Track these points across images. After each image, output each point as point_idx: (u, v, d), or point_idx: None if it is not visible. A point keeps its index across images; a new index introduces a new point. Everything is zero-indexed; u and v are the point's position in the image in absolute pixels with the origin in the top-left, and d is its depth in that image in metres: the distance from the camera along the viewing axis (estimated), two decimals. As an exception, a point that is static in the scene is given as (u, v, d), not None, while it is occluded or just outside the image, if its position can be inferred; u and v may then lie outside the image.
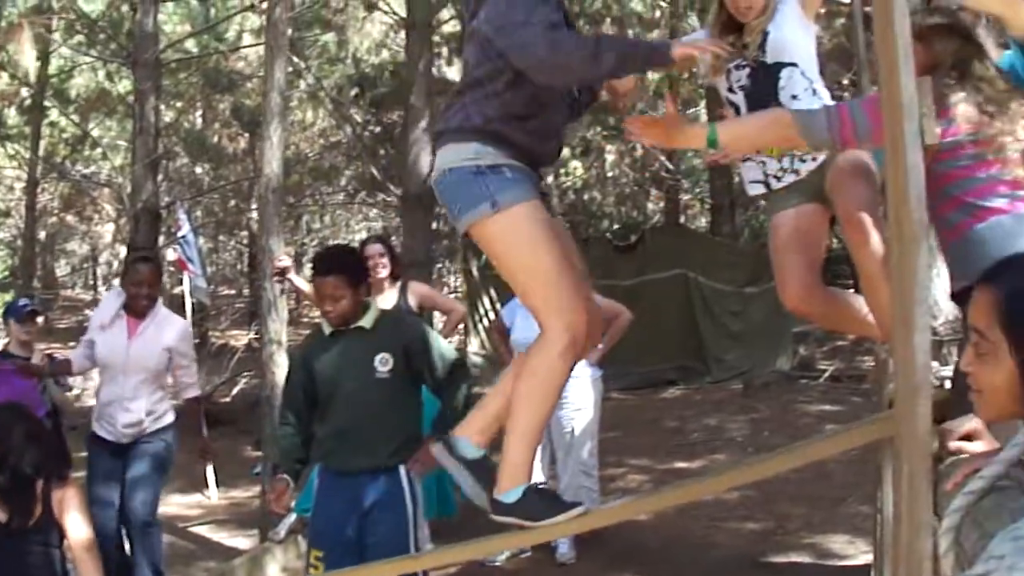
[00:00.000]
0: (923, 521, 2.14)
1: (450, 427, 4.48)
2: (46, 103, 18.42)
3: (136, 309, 6.06)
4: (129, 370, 5.99)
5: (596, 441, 7.08)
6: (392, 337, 4.66)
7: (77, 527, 4.57)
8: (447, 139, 3.18)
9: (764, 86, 3.71)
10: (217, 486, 9.99)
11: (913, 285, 2.19)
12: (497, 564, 6.95)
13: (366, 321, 4.67)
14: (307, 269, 6.74)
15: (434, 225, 13.15)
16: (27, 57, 10.85)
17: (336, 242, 26.66)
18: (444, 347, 4.79)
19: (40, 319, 7.06)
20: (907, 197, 2.20)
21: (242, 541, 8.36)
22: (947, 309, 6.79)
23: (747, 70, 3.76)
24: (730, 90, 3.85)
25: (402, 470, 4.61)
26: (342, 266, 4.66)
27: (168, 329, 6.17)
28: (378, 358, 4.58)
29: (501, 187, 3.04)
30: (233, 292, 23.40)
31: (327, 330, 4.75)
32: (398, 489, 4.61)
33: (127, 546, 6.07)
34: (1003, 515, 1.43)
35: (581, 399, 6.85)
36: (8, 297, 21.52)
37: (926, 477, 2.15)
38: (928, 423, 2.17)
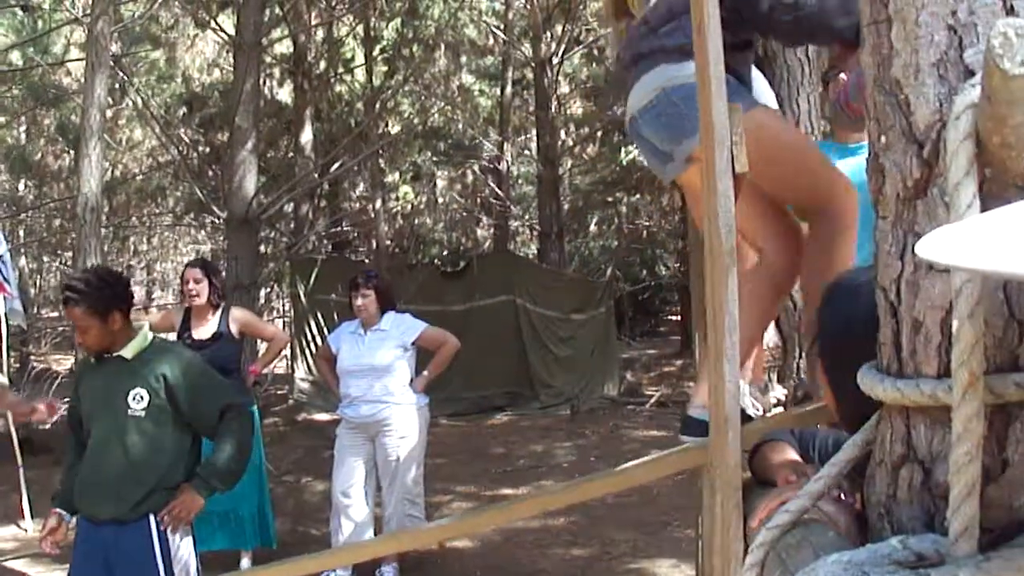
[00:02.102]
0: (733, 551, 2.14)
1: (214, 476, 4.33)
2: None
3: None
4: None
5: (422, 469, 7.02)
6: (153, 371, 4.29)
7: None
8: (660, 59, 2.88)
9: None
10: (33, 517, 9.62)
11: (724, 314, 2.19)
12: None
13: (127, 351, 4.33)
14: (137, 292, 6.52)
15: (261, 248, 12.95)
16: None
17: (170, 265, 26.20)
18: (216, 387, 4.46)
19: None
20: (718, 226, 2.20)
21: (60, 575, 8.07)
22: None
23: None
24: None
25: (151, 522, 4.23)
26: (84, 295, 4.27)
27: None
28: (132, 393, 4.24)
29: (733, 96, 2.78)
30: (56, 315, 22.61)
31: (93, 358, 4.46)
32: (146, 544, 4.22)
33: None
34: (806, 550, 1.41)
35: (406, 427, 6.78)
36: None
37: (736, 507, 2.15)
38: (738, 453, 2.18)
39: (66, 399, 5.02)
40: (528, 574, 7.07)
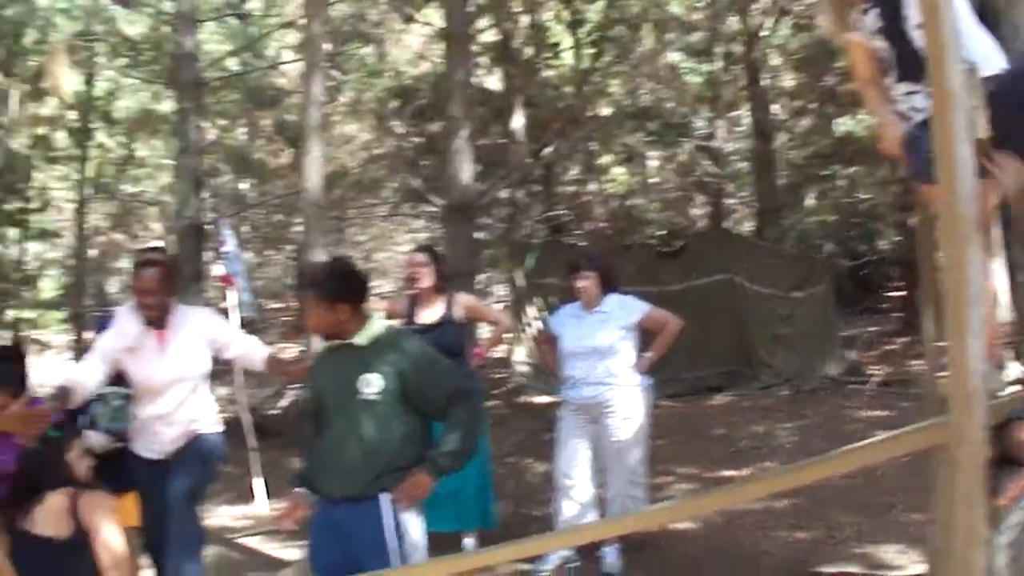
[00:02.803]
0: (977, 532, 2.06)
1: (443, 458, 4.43)
2: (92, 125, 18.65)
3: (152, 321, 5.54)
4: (170, 386, 5.60)
5: (645, 450, 6.99)
6: (385, 357, 4.45)
7: (100, 542, 4.60)
8: None
9: None
10: (267, 498, 10.03)
11: (966, 287, 2.10)
12: (543, 573, 6.87)
13: (360, 338, 4.51)
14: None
15: (478, 235, 13.12)
16: (66, 81, 10.95)
17: (387, 255, 26.84)
18: (445, 372, 4.58)
19: None
20: (957, 195, 2.11)
21: (291, 552, 8.37)
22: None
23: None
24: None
25: (383, 501, 4.38)
26: (315, 284, 4.59)
27: (198, 330, 5.70)
28: (363, 379, 4.39)
29: None
30: (281, 306, 23.49)
31: (326, 343, 4.69)
32: (378, 522, 4.38)
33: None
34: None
35: (629, 408, 6.74)
36: (60, 315, 21.84)
37: (980, 487, 2.06)
38: (982, 431, 2.09)
39: (291, 386, 5.25)
40: (751, 556, 6.96)
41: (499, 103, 17.81)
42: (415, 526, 4.49)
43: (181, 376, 5.59)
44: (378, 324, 4.58)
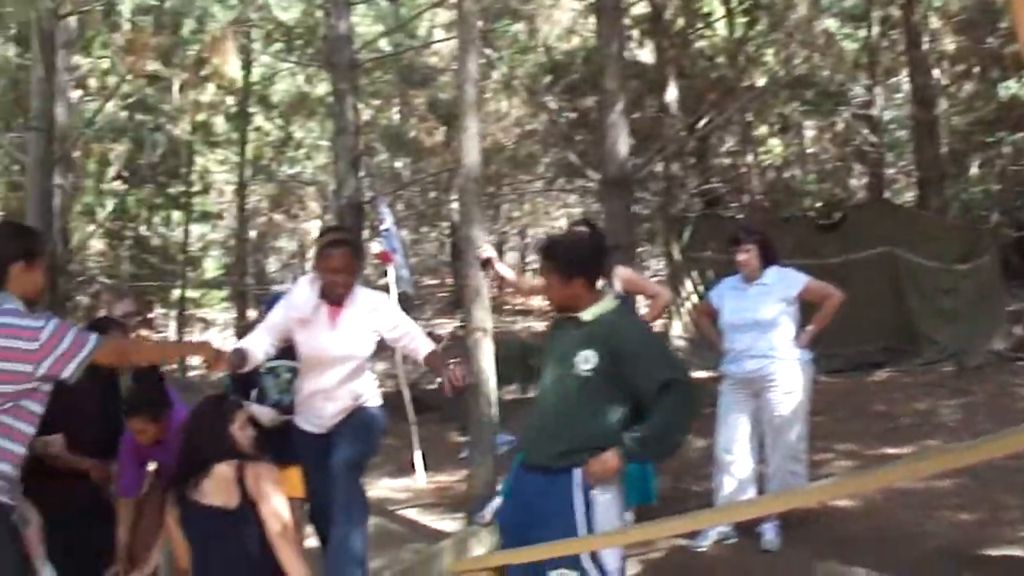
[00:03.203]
0: None
1: (639, 444, 4.44)
2: (250, 109, 19.17)
3: (333, 298, 5.51)
4: (336, 362, 5.54)
5: (806, 425, 6.91)
6: (605, 336, 4.47)
7: (268, 511, 4.75)
8: None
9: None
10: (425, 471, 10.22)
11: None
12: (701, 549, 6.86)
13: (587, 313, 4.56)
14: (509, 257, 6.80)
15: (634, 209, 13.09)
16: (231, 67, 11.27)
17: (541, 230, 26.97)
18: (663, 361, 4.53)
19: None
20: None
21: (449, 524, 8.51)
22: None
23: None
24: None
25: (576, 475, 4.43)
26: (554, 255, 4.66)
27: (371, 312, 5.60)
28: (581, 354, 4.44)
29: None
30: (436, 282, 23.82)
31: (558, 315, 4.77)
32: (567, 495, 4.44)
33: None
34: None
35: (791, 382, 6.67)
36: (222, 294, 22.56)
37: None
38: None
39: (448, 361, 5.33)
40: (912, 537, 6.77)
41: (652, 76, 17.70)
42: (608, 507, 4.49)
43: (349, 354, 5.56)
44: (608, 302, 4.63)
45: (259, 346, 5.39)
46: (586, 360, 4.42)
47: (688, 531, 6.59)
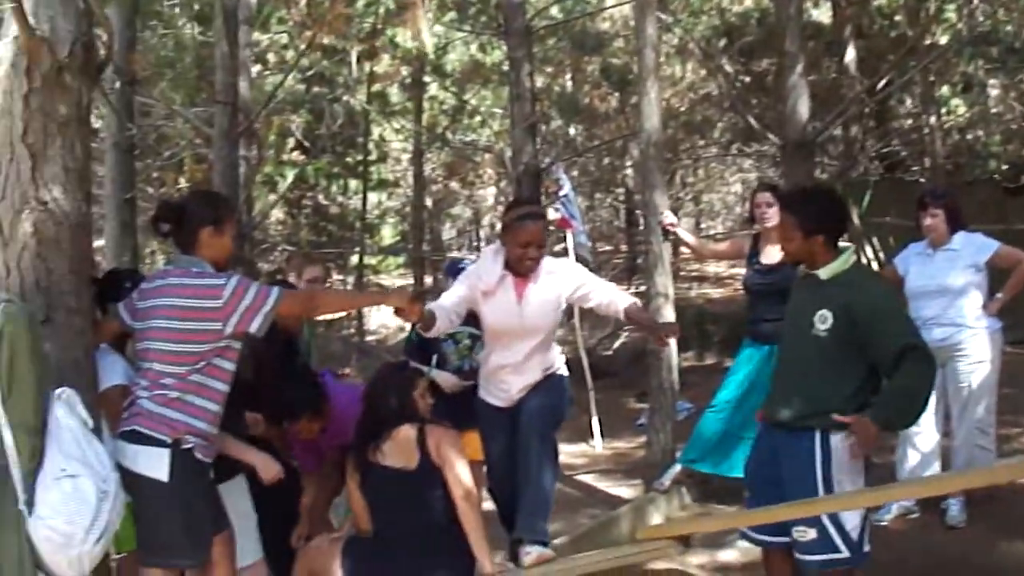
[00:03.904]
0: None
1: (884, 410, 4.42)
2: (425, 78, 19.43)
3: (521, 270, 5.37)
4: (524, 335, 5.44)
5: (995, 397, 6.73)
6: (843, 296, 4.48)
7: (452, 476, 4.87)
8: None
9: None
10: (602, 436, 10.30)
11: None
12: (883, 523, 6.78)
13: (824, 272, 4.59)
14: (684, 223, 6.80)
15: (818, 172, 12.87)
16: (424, 35, 11.46)
17: (716, 196, 26.77)
18: (901, 326, 4.48)
19: None
20: None
21: (626, 490, 8.61)
22: None
23: None
24: None
25: (817, 436, 4.48)
26: (797, 208, 4.69)
27: (558, 280, 5.47)
28: (819, 314, 4.48)
29: None
30: (611, 248, 23.83)
31: (800, 272, 4.81)
32: (808, 457, 4.50)
33: None
34: None
35: (980, 351, 6.52)
36: (399, 261, 22.99)
37: None
38: None
39: (625, 327, 5.34)
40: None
41: (829, 36, 17.32)
42: (846, 467, 4.54)
43: (537, 326, 5.45)
44: (845, 260, 4.63)
45: (443, 314, 5.32)
46: (823, 320, 4.47)
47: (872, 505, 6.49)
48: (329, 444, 5.64)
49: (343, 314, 20.93)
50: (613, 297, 5.49)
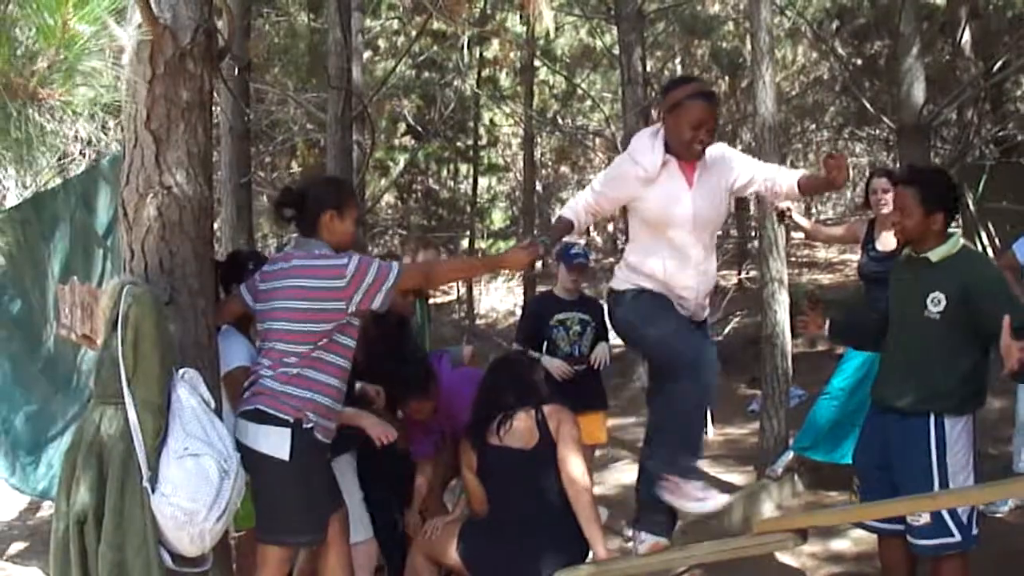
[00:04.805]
0: None
1: None
2: (535, 63, 19.52)
3: (689, 154, 4.71)
4: (700, 226, 4.78)
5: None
6: (953, 277, 4.47)
7: (566, 462, 4.96)
8: None
9: None
10: (713, 423, 10.30)
11: None
12: (999, 515, 6.75)
13: (934, 254, 4.56)
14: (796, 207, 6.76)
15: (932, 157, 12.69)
16: (547, 18, 11.54)
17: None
18: (1013, 301, 4.43)
19: (584, 270, 7.29)
20: None
21: (737, 477, 8.60)
22: None
23: None
24: None
25: (932, 421, 4.47)
26: (919, 183, 4.64)
27: (722, 165, 4.89)
28: (931, 297, 4.46)
29: None
30: (719, 233, 23.72)
31: (903, 255, 4.78)
32: (924, 443, 4.48)
33: None
34: None
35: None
36: (509, 244, 23.17)
37: None
38: None
39: (735, 312, 5.32)
40: None
41: (944, 17, 17.03)
42: (960, 454, 4.53)
43: (708, 218, 4.81)
44: (955, 243, 4.61)
45: (579, 215, 4.93)
46: (936, 303, 4.45)
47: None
48: (443, 427, 5.79)
49: (453, 297, 21.13)
50: (782, 173, 5.00)
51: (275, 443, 4.33)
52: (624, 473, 9.04)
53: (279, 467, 4.34)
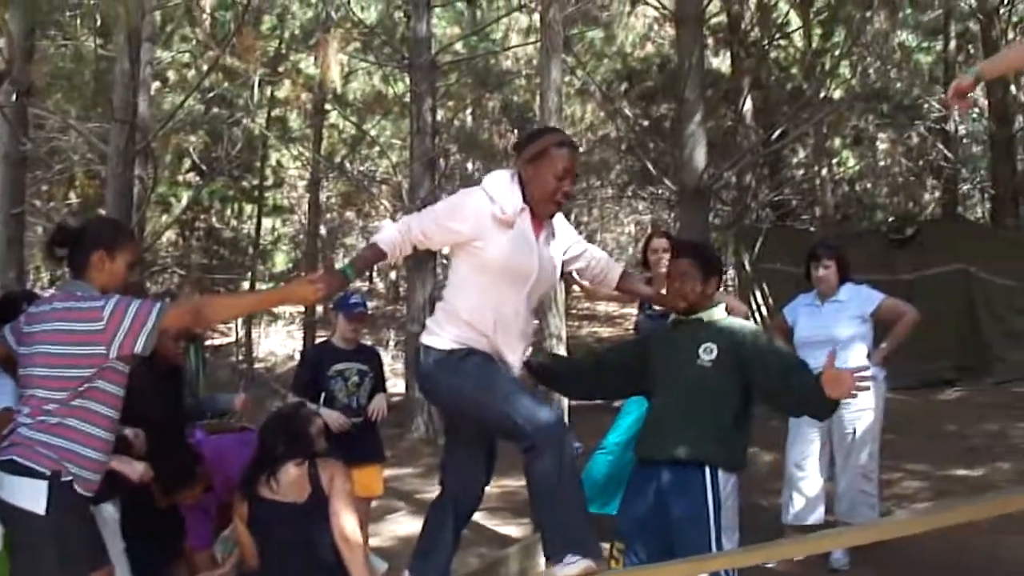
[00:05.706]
0: None
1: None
2: (326, 106, 19.37)
3: (545, 210, 4.35)
4: (536, 285, 4.36)
5: (878, 444, 6.88)
6: (723, 331, 4.59)
7: (338, 516, 4.88)
8: None
9: None
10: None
11: None
12: (770, 566, 6.86)
13: (706, 315, 4.65)
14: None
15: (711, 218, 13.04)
16: (334, 70, 11.40)
17: (610, 236, 26.91)
18: (781, 350, 4.71)
19: (364, 319, 7.10)
20: None
21: (514, 529, 8.55)
22: None
23: None
24: None
25: (707, 472, 4.45)
26: (698, 253, 4.76)
27: (561, 231, 4.57)
28: (703, 347, 4.52)
29: None
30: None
31: (672, 319, 4.85)
32: (696, 487, 4.44)
33: None
34: None
35: (864, 400, 6.59)
36: (291, 288, 22.80)
37: None
38: None
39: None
40: (985, 562, 6.72)
41: (727, 85, 17.65)
42: (730, 506, 4.54)
43: (545, 278, 4.43)
44: (721, 307, 4.76)
45: (397, 245, 4.32)
46: (708, 351, 4.51)
47: (762, 561, 6.52)
48: (221, 498, 5.52)
49: (231, 340, 20.62)
50: (609, 264, 4.77)
51: (30, 496, 4.03)
52: (401, 525, 8.92)
53: (35, 521, 4.04)
